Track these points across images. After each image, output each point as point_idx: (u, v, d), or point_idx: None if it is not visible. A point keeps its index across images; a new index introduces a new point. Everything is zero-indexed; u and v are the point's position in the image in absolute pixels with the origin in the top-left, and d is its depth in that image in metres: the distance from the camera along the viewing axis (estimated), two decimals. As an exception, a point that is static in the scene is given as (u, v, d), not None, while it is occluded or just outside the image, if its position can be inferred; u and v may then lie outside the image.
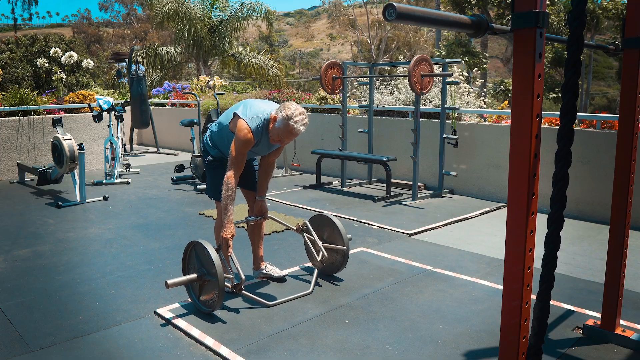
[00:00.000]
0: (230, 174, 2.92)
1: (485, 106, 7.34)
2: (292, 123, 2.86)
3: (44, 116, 7.63)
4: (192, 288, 3.02)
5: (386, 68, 13.68)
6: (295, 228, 3.47)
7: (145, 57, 16.37)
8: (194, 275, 2.95)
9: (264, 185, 3.34)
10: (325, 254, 3.30)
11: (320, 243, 3.32)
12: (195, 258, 3.00)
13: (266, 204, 3.37)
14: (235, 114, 2.99)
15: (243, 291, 2.99)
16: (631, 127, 2.42)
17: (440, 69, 6.49)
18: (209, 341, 2.61)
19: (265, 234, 4.51)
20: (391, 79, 7.86)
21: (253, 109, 3.00)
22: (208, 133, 3.26)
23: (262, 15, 16.47)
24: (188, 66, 20.67)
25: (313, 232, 3.36)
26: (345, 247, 3.33)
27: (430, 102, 6.95)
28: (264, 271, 3.45)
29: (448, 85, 5.98)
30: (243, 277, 2.94)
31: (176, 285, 2.89)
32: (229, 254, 2.99)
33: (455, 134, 5.88)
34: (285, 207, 5.59)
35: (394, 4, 1.41)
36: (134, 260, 3.87)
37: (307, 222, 3.43)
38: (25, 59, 14.51)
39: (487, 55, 18.66)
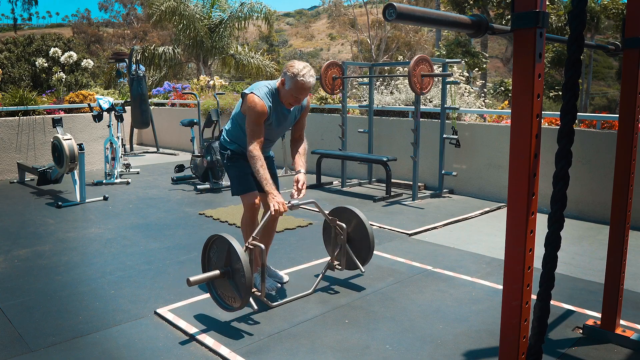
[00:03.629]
0: (251, 146, 2.90)
1: (485, 106, 7.34)
2: (300, 78, 2.85)
3: (44, 116, 7.63)
4: (214, 286, 2.85)
5: (386, 68, 13.68)
6: (330, 220, 3.29)
7: (143, 57, 16.36)
8: (216, 272, 2.76)
9: (299, 161, 3.16)
10: (343, 265, 3.29)
11: (349, 249, 3.24)
12: (217, 253, 2.83)
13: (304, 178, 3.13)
14: (242, 95, 3.01)
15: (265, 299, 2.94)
16: (631, 127, 2.42)
17: (440, 69, 6.49)
18: (209, 341, 2.61)
19: (265, 234, 4.52)
20: (391, 79, 7.86)
21: (259, 84, 3.03)
22: (223, 133, 3.24)
23: (262, 15, 16.48)
24: (188, 66, 20.67)
25: (344, 240, 3.25)
26: (367, 258, 3.27)
27: (430, 102, 6.95)
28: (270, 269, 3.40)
29: (448, 85, 5.97)
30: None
31: (198, 282, 2.73)
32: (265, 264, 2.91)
33: (456, 134, 5.88)
34: (285, 207, 5.59)
35: (394, 4, 1.40)
36: (134, 260, 3.87)
37: (344, 225, 3.28)
38: (23, 59, 14.51)
39: (487, 55, 18.66)
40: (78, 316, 2.93)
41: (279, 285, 3.29)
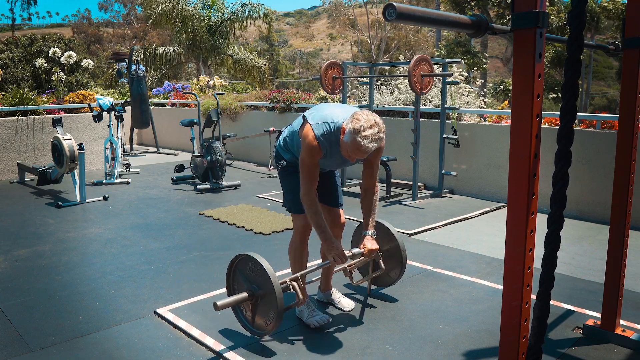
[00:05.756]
0: (303, 190, 2.57)
1: (485, 106, 7.34)
2: (359, 139, 2.39)
3: (43, 116, 7.63)
4: (241, 309, 2.68)
5: (386, 68, 13.68)
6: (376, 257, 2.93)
7: (144, 57, 16.36)
8: (244, 295, 2.56)
9: (368, 218, 2.78)
10: (356, 281, 3.13)
11: (369, 276, 3.03)
12: (240, 278, 2.65)
13: (374, 242, 2.78)
14: (304, 117, 2.65)
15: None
16: (631, 127, 2.42)
17: (440, 69, 6.49)
18: (209, 341, 2.61)
19: (265, 234, 4.53)
20: (391, 79, 7.86)
21: (322, 113, 2.61)
22: (281, 138, 2.88)
23: (262, 15, 16.49)
24: (188, 66, 20.68)
25: (372, 274, 3.00)
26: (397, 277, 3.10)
27: (430, 102, 6.95)
28: (332, 296, 3.09)
29: (448, 85, 5.97)
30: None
31: (226, 306, 2.52)
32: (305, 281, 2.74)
33: (456, 134, 5.88)
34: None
35: (394, 4, 1.40)
36: (134, 260, 3.87)
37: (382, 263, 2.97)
38: (25, 59, 14.53)
39: (487, 55, 18.65)
40: (78, 316, 2.93)
41: (329, 319, 2.87)
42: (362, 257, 2.78)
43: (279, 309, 2.41)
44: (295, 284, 2.62)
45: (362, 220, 2.83)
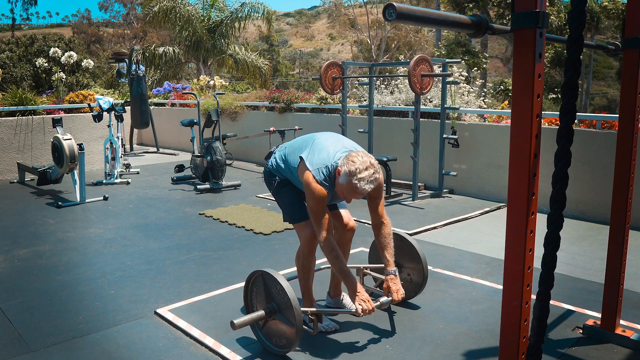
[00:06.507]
0: (321, 238, 2.52)
1: (485, 106, 7.34)
2: (355, 181, 2.39)
3: (43, 116, 7.63)
4: (259, 326, 2.62)
5: (386, 68, 13.67)
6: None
7: (144, 57, 16.36)
8: (261, 312, 2.52)
9: (386, 254, 2.69)
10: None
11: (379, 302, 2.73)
12: (261, 290, 2.59)
13: (398, 283, 2.67)
14: (301, 160, 2.58)
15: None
16: (631, 127, 2.42)
17: (440, 69, 6.49)
18: (209, 341, 2.61)
19: (264, 234, 4.52)
20: (391, 79, 7.86)
21: (320, 156, 2.56)
22: (273, 162, 2.81)
23: (262, 15, 16.49)
24: (188, 66, 20.67)
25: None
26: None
27: (430, 102, 6.95)
28: (343, 302, 3.03)
29: (448, 85, 5.97)
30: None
31: (243, 325, 2.47)
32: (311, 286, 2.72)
33: (456, 134, 5.88)
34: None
35: (394, 4, 1.40)
36: (134, 260, 3.87)
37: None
38: (25, 59, 14.52)
39: (487, 55, 18.65)
40: (78, 316, 2.93)
41: (337, 328, 2.82)
42: (389, 305, 2.70)
43: (298, 327, 2.35)
44: (315, 318, 2.57)
45: (364, 221, 2.79)
